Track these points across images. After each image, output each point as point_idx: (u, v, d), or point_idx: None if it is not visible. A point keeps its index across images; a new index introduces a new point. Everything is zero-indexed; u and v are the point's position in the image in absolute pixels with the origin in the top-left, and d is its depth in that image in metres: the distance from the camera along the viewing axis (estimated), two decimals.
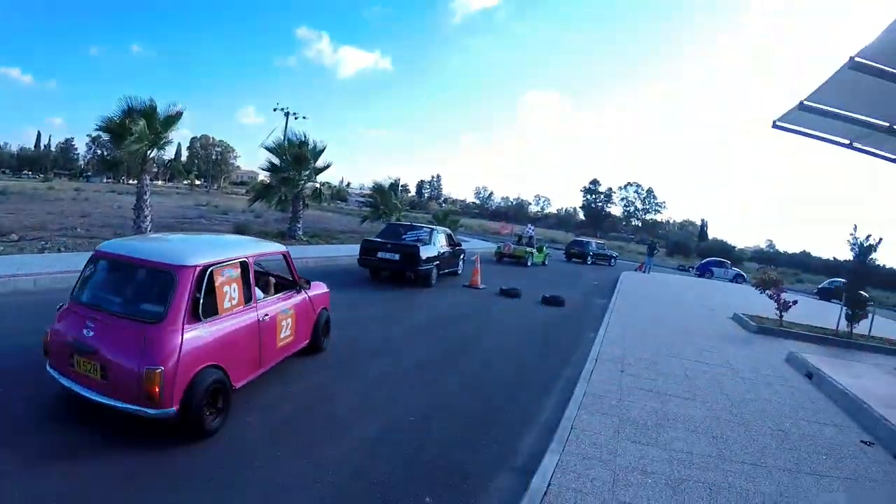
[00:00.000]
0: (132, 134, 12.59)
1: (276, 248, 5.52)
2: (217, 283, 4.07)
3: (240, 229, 18.17)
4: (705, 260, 37.11)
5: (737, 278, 31.74)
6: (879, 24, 4.81)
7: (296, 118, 38.06)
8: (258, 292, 4.84)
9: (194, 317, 3.79)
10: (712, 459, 4.13)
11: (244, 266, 4.48)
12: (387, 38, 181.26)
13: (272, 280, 5.58)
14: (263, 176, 23.40)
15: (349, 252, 15.90)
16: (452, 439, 4.26)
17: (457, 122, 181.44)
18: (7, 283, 7.43)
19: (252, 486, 3.28)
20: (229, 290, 4.22)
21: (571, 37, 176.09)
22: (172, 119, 14.00)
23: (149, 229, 13.84)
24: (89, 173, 78.30)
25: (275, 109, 38.85)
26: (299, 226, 18.71)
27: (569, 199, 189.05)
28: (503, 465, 3.89)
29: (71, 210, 22.01)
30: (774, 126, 8.11)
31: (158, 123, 13.59)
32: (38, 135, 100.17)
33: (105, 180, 65.67)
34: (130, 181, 52.43)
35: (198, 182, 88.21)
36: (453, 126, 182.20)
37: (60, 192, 36.81)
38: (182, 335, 3.64)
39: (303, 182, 18.54)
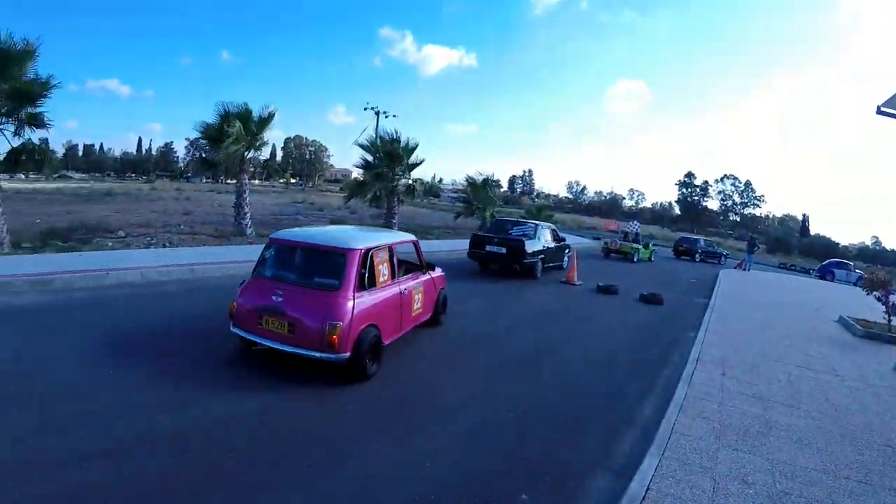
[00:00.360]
0: (230, 136, 13.55)
1: (409, 237, 6.77)
2: (374, 263, 5.30)
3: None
4: (826, 261, 34.77)
5: (859, 281, 29.35)
6: None
7: (386, 116, 39.35)
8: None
9: (360, 287, 5.01)
10: (816, 473, 4.02)
11: (390, 250, 5.76)
12: (469, 34, 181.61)
13: (404, 263, 6.69)
14: (357, 173, 24.24)
15: (447, 247, 16.51)
16: (551, 436, 4.38)
17: (545, 115, 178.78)
18: (117, 275, 8.09)
19: (347, 479, 3.41)
20: (382, 269, 5.47)
21: (656, 24, 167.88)
22: (266, 120, 14.92)
23: (249, 226, 14.89)
24: (189, 174, 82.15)
25: (365, 108, 40.62)
26: (394, 221, 19.20)
27: (663, 192, 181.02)
28: (601, 466, 3.95)
29: (173, 209, 23.78)
30: (879, 112, 7.52)
31: (254, 125, 14.49)
32: (140, 140, 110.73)
33: (204, 180, 68.53)
34: (229, 181, 55.78)
35: (293, 180, 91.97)
36: (542, 119, 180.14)
37: (162, 192, 39.88)
38: (353, 300, 4.86)
39: (397, 178, 19.00)
